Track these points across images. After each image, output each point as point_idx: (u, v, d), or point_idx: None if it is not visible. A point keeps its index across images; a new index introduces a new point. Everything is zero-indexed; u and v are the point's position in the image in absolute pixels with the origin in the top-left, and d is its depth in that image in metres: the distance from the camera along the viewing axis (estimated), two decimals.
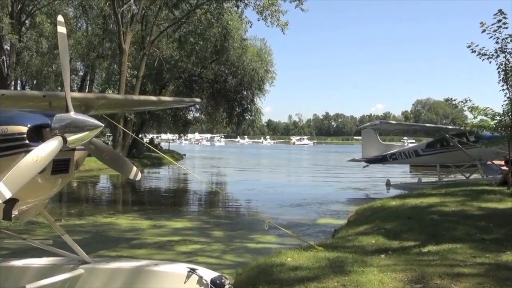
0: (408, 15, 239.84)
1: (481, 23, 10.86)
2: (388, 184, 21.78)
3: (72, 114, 4.09)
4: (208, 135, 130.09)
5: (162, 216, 12.96)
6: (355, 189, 20.79)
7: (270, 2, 30.58)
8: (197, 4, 34.30)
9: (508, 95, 11.62)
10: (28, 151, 3.84)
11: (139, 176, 5.00)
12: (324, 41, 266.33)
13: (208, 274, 4.77)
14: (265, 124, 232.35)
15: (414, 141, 76.79)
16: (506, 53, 11.27)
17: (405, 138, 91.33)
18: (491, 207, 9.61)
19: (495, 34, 11.00)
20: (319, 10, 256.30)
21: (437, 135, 20.39)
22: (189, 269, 4.82)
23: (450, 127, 21.56)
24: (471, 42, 11.17)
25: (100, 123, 4.08)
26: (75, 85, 40.43)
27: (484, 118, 12.66)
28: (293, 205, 15.44)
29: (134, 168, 5.04)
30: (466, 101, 12.25)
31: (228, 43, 34.88)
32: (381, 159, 22.40)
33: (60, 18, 4.13)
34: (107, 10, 34.51)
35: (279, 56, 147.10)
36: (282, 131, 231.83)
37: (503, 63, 11.41)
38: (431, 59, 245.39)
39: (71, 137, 3.98)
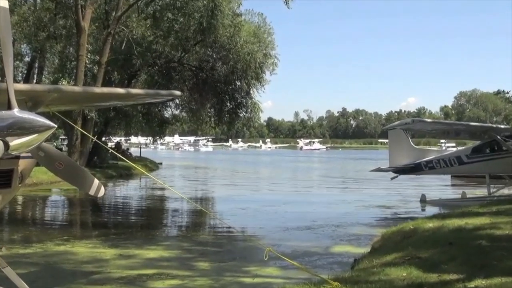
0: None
1: None
2: (423, 200, 21.82)
3: (16, 111, 4.07)
4: (191, 138, 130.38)
5: (131, 242, 12.93)
6: (381, 207, 20.84)
7: None
8: None
9: None
10: None
11: (102, 191, 4.99)
12: (341, 23, 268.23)
13: None
14: (265, 123, 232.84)
15: (454, 144, 77.12)
16: None
17: (442, 141, 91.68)
18: None
19: None
20: None
21: (486, 137, 20.46)
22: None
23: (502, 126, 21.69)
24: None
25: (51, 123, 4.07)
26: (20, 74, 40.38)
27: None
28: (300, 228, 15.47)
29: (96, 181, 5.03)
30: None
31: (216, 19, 34.89)
32: (414, 168, 22.46)
33: None
34: None
35: (282, 37, 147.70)
36: (286, 133, 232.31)
37: None
38: (477, 41, 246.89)
39: (14, 142, 3.96)
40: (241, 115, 40.60)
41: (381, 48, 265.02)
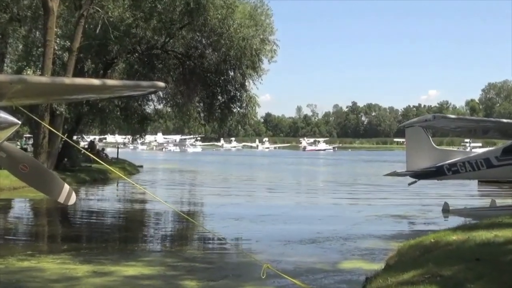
0: None
1: None
2: (445, 209, 21.84)
3: None
4: (177, 137, 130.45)
5: (107, 258, 12.92)
6: (396, 217, 20.87)
7: None
8: None
9: None
10: None
11: (74, 198, 4.99)
12: (350, 3, 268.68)
13: None
14: (262, 120, 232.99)
15: (480, 144, 77.15)
16: None
17: (466, 140, 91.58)
18: None
19: None
20: None
21: None
22: None
23: None
24: None
25: (15, 120, 4.07)
26: None
27: None
28: (303, 241, 15.48)
29: (66, 187, 5.03)
30: None
31: None
32: (435, 172, 22.48)
33: None
34: None
35: (282, 19, 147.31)
36: (287, 131, 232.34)
37: None
38: (509, 24, 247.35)
39: None
40: (234, 110, 40.60)
41: (398, 33, 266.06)
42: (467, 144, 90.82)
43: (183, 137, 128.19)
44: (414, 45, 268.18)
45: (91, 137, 68.33)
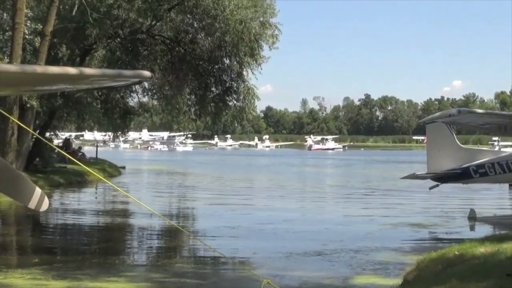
0: None
1: None
2: (472, 217, 21.86)
3: None
4: (165, 134, 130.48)
5: (84, 273, 12.92)
6: (415, 225, 20.85)
7: None
8: None
9: None
10: None
11: (46, 204, 4.97)
12: None
13: None
14: (262, 115, 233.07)
15: (511, 143, 76.99)
16: None
17: (495, 138, 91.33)
18: None
19: None
20: None
21: None
22: None
23: None
24: None
25: None
26: None
27: None
28: (308, 253, 15.52)
29: (38, 191, 5.01)
30: None
31: None
32: (460, 175, 22.49)
33: None
34: None
35: (285, 1, 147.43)
36: (290, 127, 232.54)
37: None
38: None
39: None
40: (230, 103, 40.51)
41: (418, 15, 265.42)
42: (495, 143, 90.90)
43: (172, 134, 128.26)
44: (437, 29, 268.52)
45: (67, 134, 68.39)
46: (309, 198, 32.29)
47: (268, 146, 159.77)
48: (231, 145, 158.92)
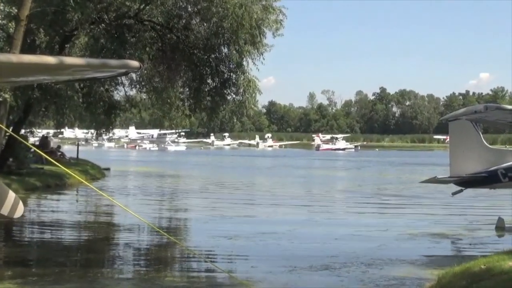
0: None
1: None
2: (500, 226, 21.85)
3: None
4: (154, 132, 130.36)
5: (62, 286, 13.00)
6: (435, 235, 20.89)
7: None
8: None
9: None
10: None
11: (21, 210, 4.99)
12: None
13: None
14: (264, 110, 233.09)
15: None
16: None
17: None
18: None
19: None
20: None
21: None
22: None
23: None
24: None
25: None
26: None
27: None
28: (314, 267, 15.56)
29: (12, 196, 5.03)
30: None
31: None
32: (487, 179, 22.47)
33: None
34: None
35: None
36: (296, 125, 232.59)
37: None
38: None
39: None
40: (228, 97, 40.44)
41: (440, 1, 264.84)
42: None
43: (162, 132, 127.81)
44: (461, 15, 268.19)
45: (44, 132, 68.31)
46: (316, 205, 32.26)
47: (271, 146, 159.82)
48: (229, 145, 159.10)
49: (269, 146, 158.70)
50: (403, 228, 22.21)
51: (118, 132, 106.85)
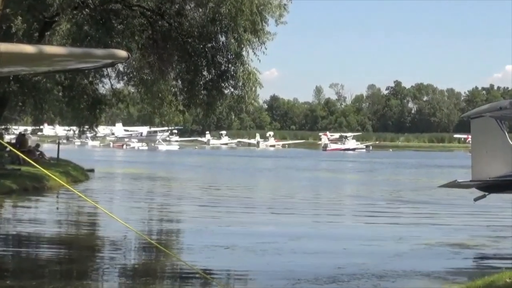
0: None
1: None
2: None
3: None
4: (144, 130, 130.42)
5: None
6: (455, 245, 20.86)
7: None
8: None
9: None
10: None
11: None
12: None
13: None
14: (266, 106, 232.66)
15: None
16: None
17: None
18: None
19: None
20: None
21: None
22: None
23: None
24: None
25: None
26: None
27: None
28: (320, 279, 15.59)
29: None
30: None
31: None
32: None
33: None
34: None
35: None
36: (301, 122, 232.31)
37: None
38: None
39: None
40: (226, 91, 40.45)
41: None
42: None
43: (153, 129, 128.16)
44: (483, 2, 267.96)
45: (21, 129, 68.46)
46: (323, 211, 32.32)
47: (273, 145, 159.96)
48: (226, 144, 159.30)
49: (270, 146, 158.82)
50: (418, 238, 22.18)
51: (103, 130, 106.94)
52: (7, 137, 51.56)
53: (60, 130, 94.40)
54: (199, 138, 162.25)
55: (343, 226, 26.63)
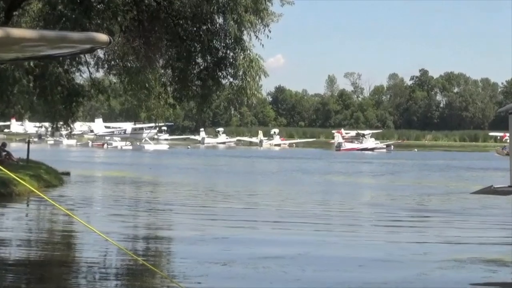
0: None
1: None
2: None
3: None
4: (128, 126, 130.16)
5: None
6: (492, 262, 20.85)
7: None
8: None
9: None
10: None
11: None
12: None
13: None
14: (270, 99, 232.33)
15: None
16: None
17: None
18: None
19: None
20: None
21: None
22: None
23: None
24: None
25: None
26: None
27: None
28: None
29: None
30: None
31: None
32: None
33: None
34: None
35: None
36: (311, 117, 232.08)
37: None
38: None
39: None
40: (224, 81, 40.52)
41: None
42: None
43: (138, 126, 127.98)
44: None
45: None
46: (336, 222, 32.29)
47: (278, 145, 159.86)
48: (224, 143, 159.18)
49: (275, 145, 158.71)
50: (447, 252, 22.24)
51: (80, 126, 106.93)
52: None
53: (30, 127, 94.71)
54: (192, 136, 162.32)
55: (358, 238, 26.60)
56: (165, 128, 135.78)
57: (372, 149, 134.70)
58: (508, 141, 25.00)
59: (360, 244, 25.31)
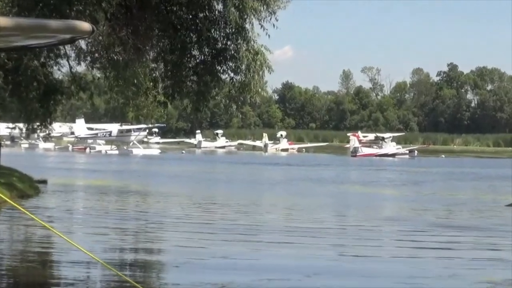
0: None
1: None
2: None
3: None
4: (113, 128, 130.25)
5: None
6: None
7: None
8: None
9: None
10: None
11: None
12: None
13: None
14: (277, 97, 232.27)
15: None
16: None
17: None
18: None
19: None
20: None
21: None
22: None
23: None
24: None
25: None
26: None
27: None
28: None
29: None
30: None
31: None
32: None
33: None
34: None
35: None
36: (323, 119, 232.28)
37: None
38: None
39: None
40: (224, 76, 40.61)
41: None
42: None
43: (126, 127, 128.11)
44: None
45: None
46: (349, 241, 32.30)
47: (285, 150, 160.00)
48: (223, 147, 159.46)
49: (282, 150, 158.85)
50: (478, 274, 22.33)
51: (59, 128, 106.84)
52: None
53: (2, 128, 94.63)
54: (187, 140, 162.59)
55: (376, 260, 26.65)
56: (156, 130, 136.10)
57: (393, 155, 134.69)
58: None
59: (377, 265, 25.18)
